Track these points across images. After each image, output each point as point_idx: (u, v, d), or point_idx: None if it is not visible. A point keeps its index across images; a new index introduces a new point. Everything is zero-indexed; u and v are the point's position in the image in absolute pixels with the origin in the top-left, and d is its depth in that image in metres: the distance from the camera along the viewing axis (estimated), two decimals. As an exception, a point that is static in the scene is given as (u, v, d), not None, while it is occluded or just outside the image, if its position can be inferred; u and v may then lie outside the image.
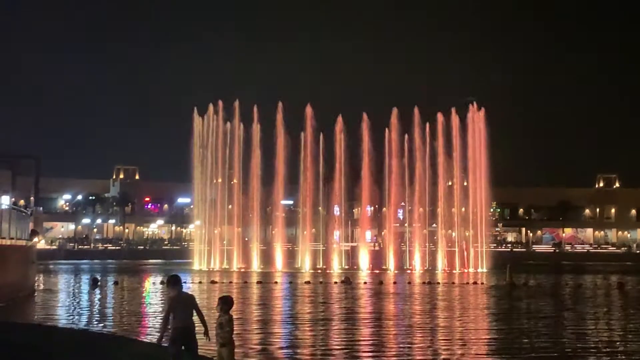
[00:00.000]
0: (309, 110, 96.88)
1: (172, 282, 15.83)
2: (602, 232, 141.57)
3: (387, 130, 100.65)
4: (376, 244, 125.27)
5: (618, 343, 27.10)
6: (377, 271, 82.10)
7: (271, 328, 30.24)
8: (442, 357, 23.14)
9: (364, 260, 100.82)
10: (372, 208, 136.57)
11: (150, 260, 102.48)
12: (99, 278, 58.24)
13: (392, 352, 24.19)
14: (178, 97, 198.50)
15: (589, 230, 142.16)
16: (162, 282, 56.79)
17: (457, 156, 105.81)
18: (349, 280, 60.05)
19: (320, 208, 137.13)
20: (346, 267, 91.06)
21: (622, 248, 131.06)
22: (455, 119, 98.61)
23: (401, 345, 25.72)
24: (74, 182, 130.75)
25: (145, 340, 25.82)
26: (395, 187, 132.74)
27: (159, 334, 15.88)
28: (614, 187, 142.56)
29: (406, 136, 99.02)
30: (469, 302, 44.52)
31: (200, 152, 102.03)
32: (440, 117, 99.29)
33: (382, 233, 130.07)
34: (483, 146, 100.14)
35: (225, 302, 15.75)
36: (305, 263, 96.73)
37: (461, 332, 29.68)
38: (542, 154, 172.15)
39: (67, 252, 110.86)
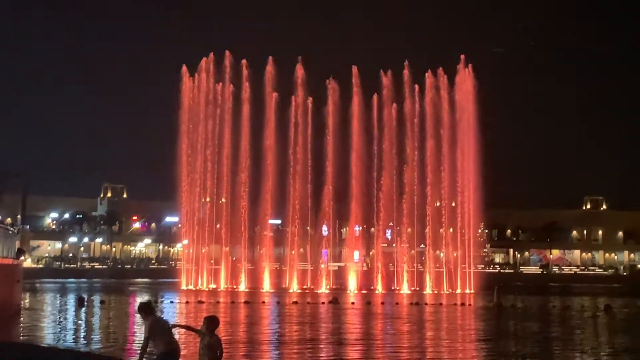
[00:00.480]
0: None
1: (145, 311, 15.72)
2: (589, 254, 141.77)
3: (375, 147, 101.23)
4: (364, 264, 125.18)
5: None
6: (365, 291, 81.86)
7: (256, 349, 30.10)
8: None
9: (352, 280, 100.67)
10: (360, 228, 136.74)
11: (138, 280, 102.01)
12: (85, 297, 57.89)
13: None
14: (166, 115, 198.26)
15: (576, 252, 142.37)
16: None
17: (446, 176, 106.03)
18: (336, 301, 59.92)
19: (308, 228, 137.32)
20: (334, 287, 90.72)
21: (609, 270, 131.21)
22: (445, 135, 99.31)
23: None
24: (61, 200, 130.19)
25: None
26: (384, 206, 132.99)
27: None
28: (601, 209, 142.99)
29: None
30: (455, 324, 44.49)
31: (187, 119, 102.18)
32: (430, 144, 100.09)
33: (370, 253, 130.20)
34: (472, 166, 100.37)
35: (211, 322, 15.64)
36: (293, 283, 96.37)
37: (442, 353, 29.61)
38: (530, 175, 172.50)
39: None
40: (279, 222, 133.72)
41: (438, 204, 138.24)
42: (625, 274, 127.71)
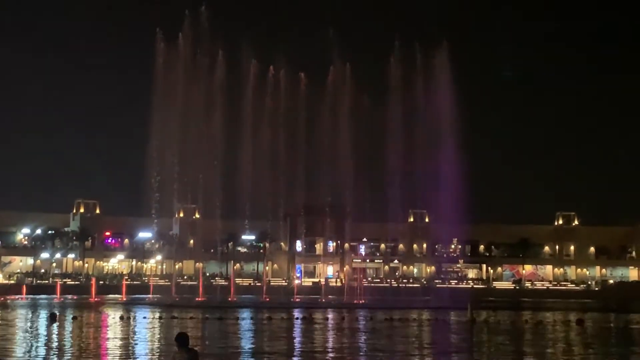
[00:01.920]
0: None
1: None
2: (561, 269, 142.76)
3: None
4: (338, 279, 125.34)
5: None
6: (340, 306, 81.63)
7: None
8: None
9: (326, 295, 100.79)
10: (334, 244, 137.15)
11: (110, 296, 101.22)
12: (57, 313, 57.44)
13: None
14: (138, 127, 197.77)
15: (549, 267, 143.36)
16: (121, 318, 56.34)
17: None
18: (310, 316, 59.89)
19: (282, 243, 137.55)
20: (308, 301, 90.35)
21: (581, 285, 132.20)
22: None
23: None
24: (33, 215, 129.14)
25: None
26: (356, 222, 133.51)
27: None
28: (573, 224, 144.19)
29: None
30: (426, 338, 44.68)
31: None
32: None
33: (344, 269, 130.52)
34: (447, 182, 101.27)
35: (182, 339, 16.04)
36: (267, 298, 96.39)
37: None
38: (503, 191, 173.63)
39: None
40: (252, 237, 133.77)
41: (412, 220, 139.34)
42: (597, 289, 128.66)
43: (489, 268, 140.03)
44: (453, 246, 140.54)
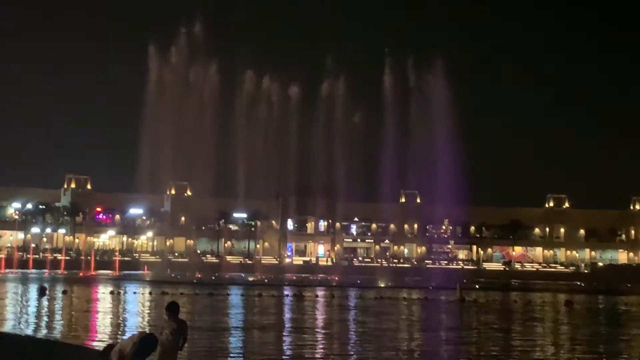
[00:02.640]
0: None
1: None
2: (551, 251, 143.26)
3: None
4: (329, 259, 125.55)
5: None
6: (331, 284, 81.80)
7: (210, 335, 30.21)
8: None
9: (317, 273, 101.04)
10: (325, 223, 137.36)
11: (101, 271, 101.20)
12: (47, 287, 57.43)
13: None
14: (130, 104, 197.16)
15: (539, 249, 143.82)
16: (111, 292, 56.40)
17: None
18: (300, 293, 60.04)
19: (273, 222, 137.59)
20: (299, 280, 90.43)
21: (571, 267, 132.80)
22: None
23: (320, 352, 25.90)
24: (24, 190, 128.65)
25: (93, 347, 25.57)
26: (348, 202, 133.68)
27: None
28: (564, 207, 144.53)
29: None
30: (415, 316, 44.86)
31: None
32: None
33: (335, 248, 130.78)
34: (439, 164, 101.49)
35: (173, 307, 16.02)
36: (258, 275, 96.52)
37: (386, 340, 29.99)
38: (494, 173, 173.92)
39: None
40: (244, 215, 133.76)
41: (403, 200, 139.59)
42: (586, 271, 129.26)
43: (479, 249, 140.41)
44: (444, 227, 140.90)
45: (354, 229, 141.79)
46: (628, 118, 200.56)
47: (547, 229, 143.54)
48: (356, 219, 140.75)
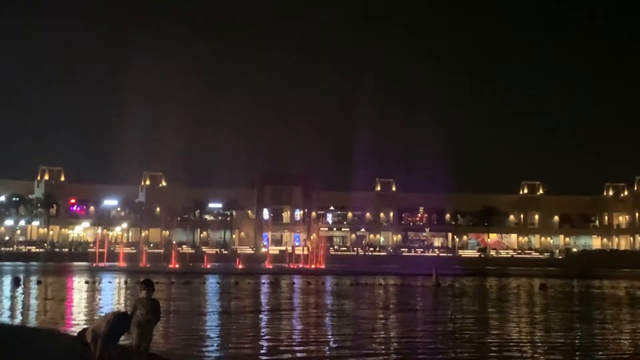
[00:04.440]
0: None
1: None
2: (526, 238, 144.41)
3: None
4: (305, 247, 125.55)
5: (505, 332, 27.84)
6: (306, 272, 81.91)
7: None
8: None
9: (293, 262, 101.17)
10: (302, 212, 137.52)
11: (75, 263, 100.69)
12: (22, 278, 57.09)
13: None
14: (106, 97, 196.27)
15: (514, 236, 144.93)
16: (86, 282, 56.19)
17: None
18: (277, 281, 60.16)
19: (249, 212, 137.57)
20: (275, 269, 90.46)
21: (545, 253, 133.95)
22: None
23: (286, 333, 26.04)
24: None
25: (69, 333, 25.49)
26: (323, 191, 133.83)
27: None
28: (538, 193, 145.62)
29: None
30: (391, 300, 45.11)
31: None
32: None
33: (311, 237, 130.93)
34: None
35: (148, 284, 15.98)
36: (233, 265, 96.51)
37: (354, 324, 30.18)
38: (469, 160, 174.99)
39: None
40: (219, 205, 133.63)
41: (378, 188, 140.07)
42: (560, 257, 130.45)
43: (455, 236, 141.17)
44: (419, 215, 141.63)
45: (329, 217, 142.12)
46: (601, 104, 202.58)
47: (522, 216, 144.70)
48: (332, 207, 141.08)
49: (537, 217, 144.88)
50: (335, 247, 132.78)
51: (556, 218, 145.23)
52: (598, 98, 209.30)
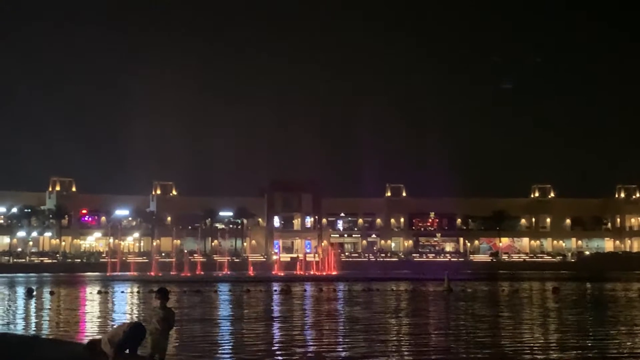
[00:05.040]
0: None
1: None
2: (537, 241, 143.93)
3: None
4: (316, 254, 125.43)
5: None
6: (318, 279, 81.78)
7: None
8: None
9: (305, 269, 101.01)
10: (312, 219, 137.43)
11: (88, 273, 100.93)
12: (34, 288, 57.31)
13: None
14: (115, 108, 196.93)
15: (525, 240, 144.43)
16: (99, 292, 56.31)
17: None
18: (288, 289, 60.15)
19: (259, 219, 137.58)
20: (287, 276, 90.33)
21: (557, 257, 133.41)
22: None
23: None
24: (8, 194, 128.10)
25: (77, 341, 25.56)
26: (334, 198, 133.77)
27: None
28: (549, 197, 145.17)
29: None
30: (402, 305, 45.00)
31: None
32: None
33: (322, 243, 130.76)
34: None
35: (163, 293, 16.04)
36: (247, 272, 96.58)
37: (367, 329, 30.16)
38: (479, 164, 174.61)
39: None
40: (230, 214, 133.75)
41: (389, 194, 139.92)
42: (573, 260, 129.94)
43: (466, 241, 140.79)
44: (430, 220, 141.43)
45: (340, 224, 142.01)
46: (612, 106, 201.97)
47: (533, 219, 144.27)
48: (342, 214, 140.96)
49: (548, 220, 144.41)
50: (347, 253, 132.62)
51: (568, 221, 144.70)
52: (611, 100, 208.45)
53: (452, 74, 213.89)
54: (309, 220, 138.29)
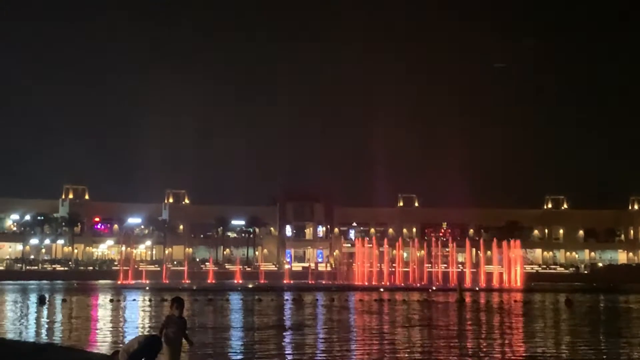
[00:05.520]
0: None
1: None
2: (550, 253, 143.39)
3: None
4: (328, 264, 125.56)
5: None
6: (330, 289, 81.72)
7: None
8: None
9: (316, 278, 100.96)
10: (324, 228, 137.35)
11: (100, 281, 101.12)
12: (47, 296, 57.39)
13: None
14: (131, 117, 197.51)
15: (538, 251, 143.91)
16: (111, 300, 56.40)
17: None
18: (300, 298, 60.03)
19: (272, 228, 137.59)
20: (299, 285, 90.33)
21: (571, 268, 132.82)
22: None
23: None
24: (22, 201, 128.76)
25: (94, 351, 25.59)
26: (346, 207, 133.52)
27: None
28: (562, 208, 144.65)
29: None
30: (414, 315, 44.85)
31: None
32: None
33: (334, 253, 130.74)
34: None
35: (180, 302, 16.18)
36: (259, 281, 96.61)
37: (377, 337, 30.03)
38: (492, 175, 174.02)
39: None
40: (242, 222, 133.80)
41: (401, 204, 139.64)
42: (585, 272, 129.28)
43: (478, 252, 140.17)
44: (442, 230, 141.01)
45: (352, 233, 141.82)
46: (627, 117, 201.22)
47: (546, 230, 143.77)
48: (354, 223, 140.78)
49: (561, 231, 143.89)
50: (358, 263, 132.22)
51: (581, 232, 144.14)
52: (625, 111, 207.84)
53: (467, 84, 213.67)
54: (321, 230, 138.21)
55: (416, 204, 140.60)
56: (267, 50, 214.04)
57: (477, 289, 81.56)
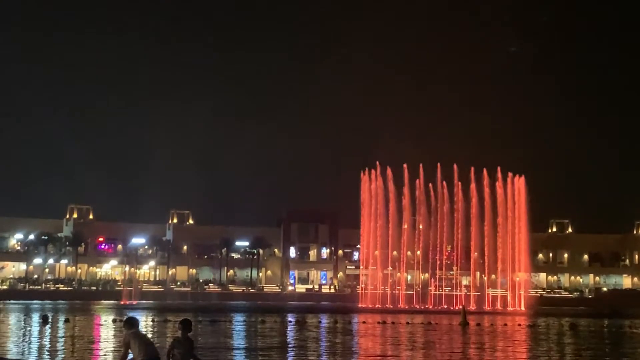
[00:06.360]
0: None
1: (126, 325, 16.34)
2: (555, 277, 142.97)
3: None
4: (332, 286, 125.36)
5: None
6: (334, 311, 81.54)
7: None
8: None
9: (320, 300, 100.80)
10: (328, 250, 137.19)
11: (104, 301, 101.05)
12: (50, 316, 57.39)
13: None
14: (134, 139, 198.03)
15: (542, 275, 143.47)
16: (114, 321, 56.37)
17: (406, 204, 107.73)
18: (303, 320, 59.93)
19: (276, 250, 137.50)
20: (302, 307, 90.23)
21: (575, 292, 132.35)
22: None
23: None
24: (26, 221, 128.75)
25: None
26: (350, 229, 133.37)
27: None
28: (567, 232, 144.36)
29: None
30: (417, 339, 44.75)
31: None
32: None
33: (338, 275, 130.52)
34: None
35: (187, 324, 16.30)
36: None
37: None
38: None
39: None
40: (246, 244, 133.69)
41: (405, 226, 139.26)
42: (590, 296, 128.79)
43: (483, 275, 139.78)
44: (446, 253, 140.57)
45: (356, 255, 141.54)
46: (630, 141, 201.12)
47: (550, 254, 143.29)
48: (358, 245, 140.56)
49: (566, 255, 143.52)
50: (362, 285, 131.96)
51: (586, 257, 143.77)
52: (629, 134, 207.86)
53: (467, 104, 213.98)
54: (325, 251, 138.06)
55: (420, 227, 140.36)
56: (272, 69, 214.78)
57: (481, 311, 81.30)
